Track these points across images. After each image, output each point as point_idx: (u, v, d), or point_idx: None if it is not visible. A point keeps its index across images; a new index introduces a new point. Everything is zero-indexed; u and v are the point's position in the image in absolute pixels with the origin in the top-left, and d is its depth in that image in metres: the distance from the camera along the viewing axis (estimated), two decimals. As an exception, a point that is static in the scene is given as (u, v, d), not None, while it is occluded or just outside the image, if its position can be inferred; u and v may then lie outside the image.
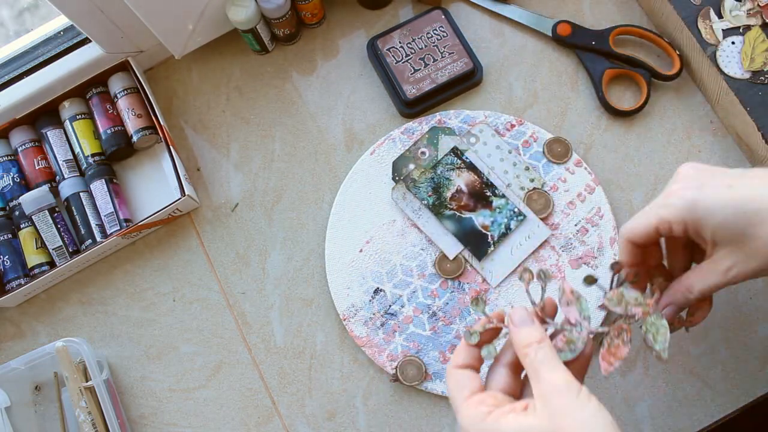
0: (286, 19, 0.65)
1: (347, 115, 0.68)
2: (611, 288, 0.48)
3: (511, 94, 0.67)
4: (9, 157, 0.66)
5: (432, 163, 0.63)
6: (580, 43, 0.66)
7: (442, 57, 0.65)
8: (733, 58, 0.61)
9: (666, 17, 0.65)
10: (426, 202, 0.62)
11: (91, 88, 0.66)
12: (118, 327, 0.64)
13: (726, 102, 0.62)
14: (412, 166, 0.63)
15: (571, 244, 0.62)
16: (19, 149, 0.66)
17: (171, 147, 0.64)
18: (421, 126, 0.65)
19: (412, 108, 0.66)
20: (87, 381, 0.60)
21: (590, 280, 0.47)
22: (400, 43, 0.66)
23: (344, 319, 0.61)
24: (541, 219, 0.62)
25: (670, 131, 0.65)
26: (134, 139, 0.65)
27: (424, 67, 0.65)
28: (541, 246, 0.61)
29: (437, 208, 0.62)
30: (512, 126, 0.65)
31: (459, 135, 0.64)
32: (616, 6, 0.69)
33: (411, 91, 0.65)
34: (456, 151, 0.63)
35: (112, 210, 0.63)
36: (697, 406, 0.59)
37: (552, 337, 0.44)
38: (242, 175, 0.67)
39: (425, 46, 0.66)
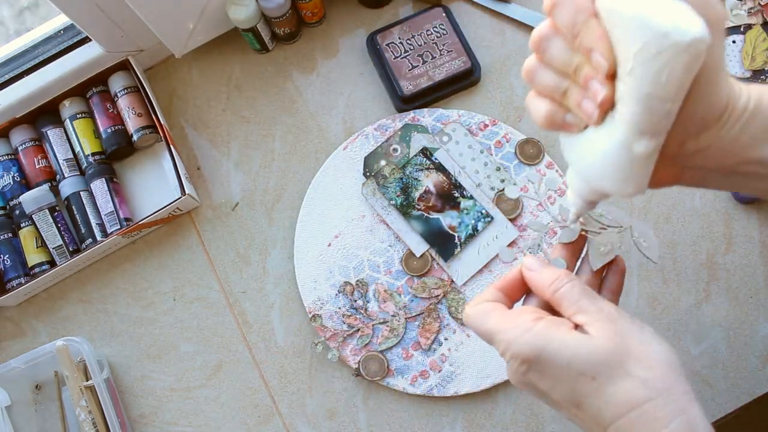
0: (287, 18, 0.65)
1: (348, 114, 0.68)
2: None
3: (511, 93, 0.67)
4: (9, 156, 0.66)
5: (404, 160, 0.63)
6: (580, 42, 0.66)
7: (441, 55, 0.65)
8: (734, 57, 0.61)
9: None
10: (394, 202, 0.62)
11: (91, 87, 0.66)
12: (118, 326, 0.64)
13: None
14: (383, 163, 0.63)
15: (539, 245, 0.62)
16: (19, 148, 0.66)
17: (171, 146, 0.64)
18: (394, 123, 0.65)
19: (408, 104, 0.66)
20: (87, 380, 0.60)
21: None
22: (399, 38, 0.66)
23: (310, 312, 0.61)
24: (510, 220, 0.62)
25: (670, 130, 0.65)
26: (134, 138, 0.65)
27: (422, 63, 0.65)
28: (509, 246, 0.62)
29: (405, 209, 0.62)
30: (485, 126, 0.65)
31: (432, 133, 0.64)
32: (616, 5, 0.68)
33: (407, 87, 0.65)
34: (425, 152, 0.63)
35: (113, 209, 0.63)
36: (697, 406, 0.59)
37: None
38: (242, 174, 0.67)
39: (424, 43, 0.66)
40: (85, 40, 0.67)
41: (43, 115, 0.66)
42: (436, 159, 0.63)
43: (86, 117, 0.66)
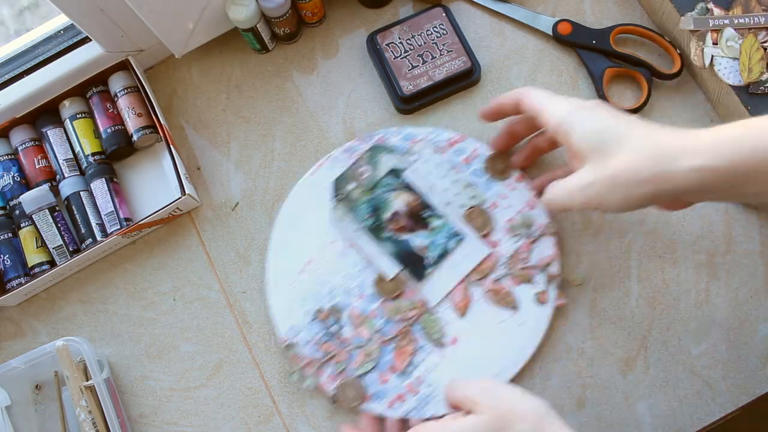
0: (287, 18, 0.65)
1: (348, 114, 0.68)
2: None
3: (511, 93, 0.67)
4: (9, 156, 0.66)
5: (372, 182, 0.62)
6: (580, 42, 0.66)
7: (441, 55, 0.65)
8: (733, 71, 0.60)
9: (666, 16, 0.65)
10: (365, 224, 0.62)
11: (91, 87, 0.66)
12: (118, 326, 0.64)
13: (727, 101, 0.62)
14: (352, 186, 0.63)
15: (511, 261, 0.61)
16: (19, 148, 0.66)
17: (171, 146, 0.64)
18: (362, 145, 0.65)
19: (408, 104, 0.66)
20: (87, 380, 0.60)
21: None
22: (399, 38, 0.66)
23: (285, 341, 0.61)
24: (481, 236, 0.62)
25: (670, 130, 0.65)
26: (134, 138, 0.65)
27: (422, 63, 0.65)
28: (481, 263, 0.61)
29: (375, 231, 0.62)
30: (453, 143, 0.64)
31: (400, 153, 0.64)
32: (616, 5, 0.68)
33: (407, 87, 0.65)
34: (394, 173, 0.63)
35: (113, 209, 0.63)
36: (697, 405, 0.59)
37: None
38: (242, 174, 0.67)
39: (424, 43, 0.66)
40: (85, 40, 0.67)
41: (43, 115, 0.66)
42: (404, 179, 0.63)
43: (86, 117, 0.66)
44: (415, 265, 0.61)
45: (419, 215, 0.62)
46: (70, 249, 0.63)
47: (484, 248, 0.61)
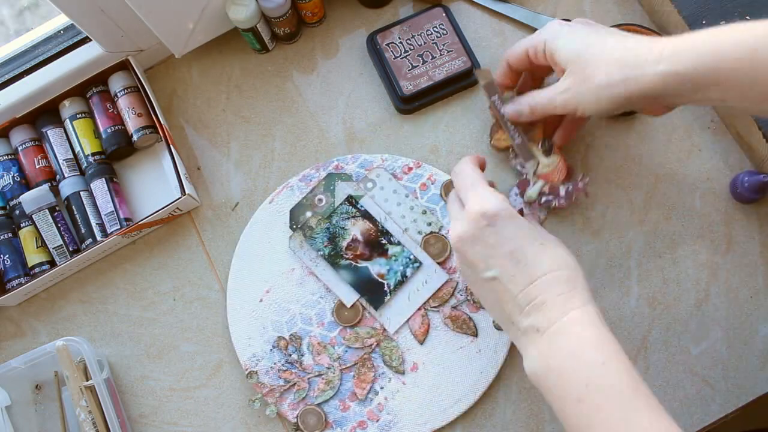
0: (287, 18, 0.65)
1: (348, 114, 0.68)
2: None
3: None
4: (9, 156, 0.66)
5: (329, 210, 0.62)
6: (580, 42, 0.66)
7: (441, 55, 0.65)
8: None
9: (667, 16, 0.65)
10: (322, 252, 0.62)
11: (91, 87, 0.66)
12: (118, 326, 0.64)
13: (727, 101, 0.62)
14: (309, 214, 0.63)
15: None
16: (19, 148, 0.66)
17: (171, 146, 0.64)
18: (318, 173, 0.65)
19: (408, 104, 0.66)
20: (87, 380, 0.60)
21: None
22: (399, 38, 0.66)
23: (246, 369, 0.61)
24: (439, 263, 0.61)
25: (670, 130, 0.65)
26: (134, 138, 0.65)
27: (422, 63, 0.65)
28: (440, 289, 0.61)
29: (333, 258, 0.61)
30: (410, 169, 0.64)
31: (356, 181, 0.64)
32: (616, 4, 0.68)
33: (407, 87, 0.65)
34: (351, 200, 0.63)
35: (113, 209, 0.63)
36: (697, 405, 0.59)
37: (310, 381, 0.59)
38: (242, 174, 0.67)
39: (424, 43, 0.66)
40: (85, 40, 0.67)
41: (43, 115, 0.66)
42: (361, 206, 0.63)
43: (86, 117, 0.66)
44: (373, 292, 0.61)
45: (377, 242, 0.62)
46: (70, 249, 0.63)
47: (443, 275, 0.61)
